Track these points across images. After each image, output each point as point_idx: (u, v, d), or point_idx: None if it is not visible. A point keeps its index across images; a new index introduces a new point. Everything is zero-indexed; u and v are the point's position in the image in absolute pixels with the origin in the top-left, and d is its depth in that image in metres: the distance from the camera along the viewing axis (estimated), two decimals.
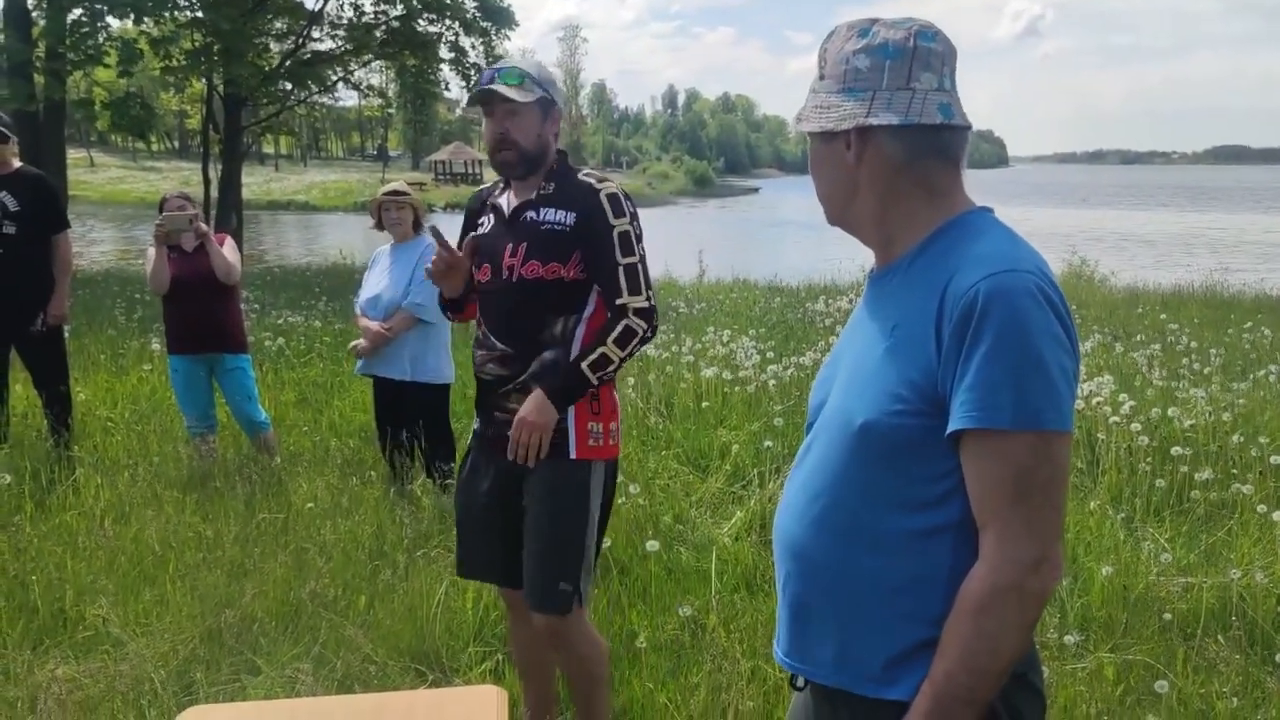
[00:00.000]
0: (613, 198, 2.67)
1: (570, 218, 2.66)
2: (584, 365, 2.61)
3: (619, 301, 2.64)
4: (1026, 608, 1.35)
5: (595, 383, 2.63)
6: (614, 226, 2.65)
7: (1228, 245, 31.11)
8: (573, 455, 2.70)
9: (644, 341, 2.66)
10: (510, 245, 2.69)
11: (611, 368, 2.63)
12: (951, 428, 1.37)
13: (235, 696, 3.21)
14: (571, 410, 2.69)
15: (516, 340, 2.69)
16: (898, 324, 1.47)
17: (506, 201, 2.78)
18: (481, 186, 2.98)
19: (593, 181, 2.70)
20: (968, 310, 1.35)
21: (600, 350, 2.61)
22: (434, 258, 2.77)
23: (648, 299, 2.67)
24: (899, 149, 1.49)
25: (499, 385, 2.73)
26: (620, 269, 2.64)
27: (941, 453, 1.41)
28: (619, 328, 2.63)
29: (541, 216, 2.68)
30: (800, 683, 1.66)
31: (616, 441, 2.81)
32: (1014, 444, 1.34)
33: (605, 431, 2.75)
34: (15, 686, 3.28)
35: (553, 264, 2.65)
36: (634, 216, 2.70)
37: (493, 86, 2.61)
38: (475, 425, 2.89)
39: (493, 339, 2.73)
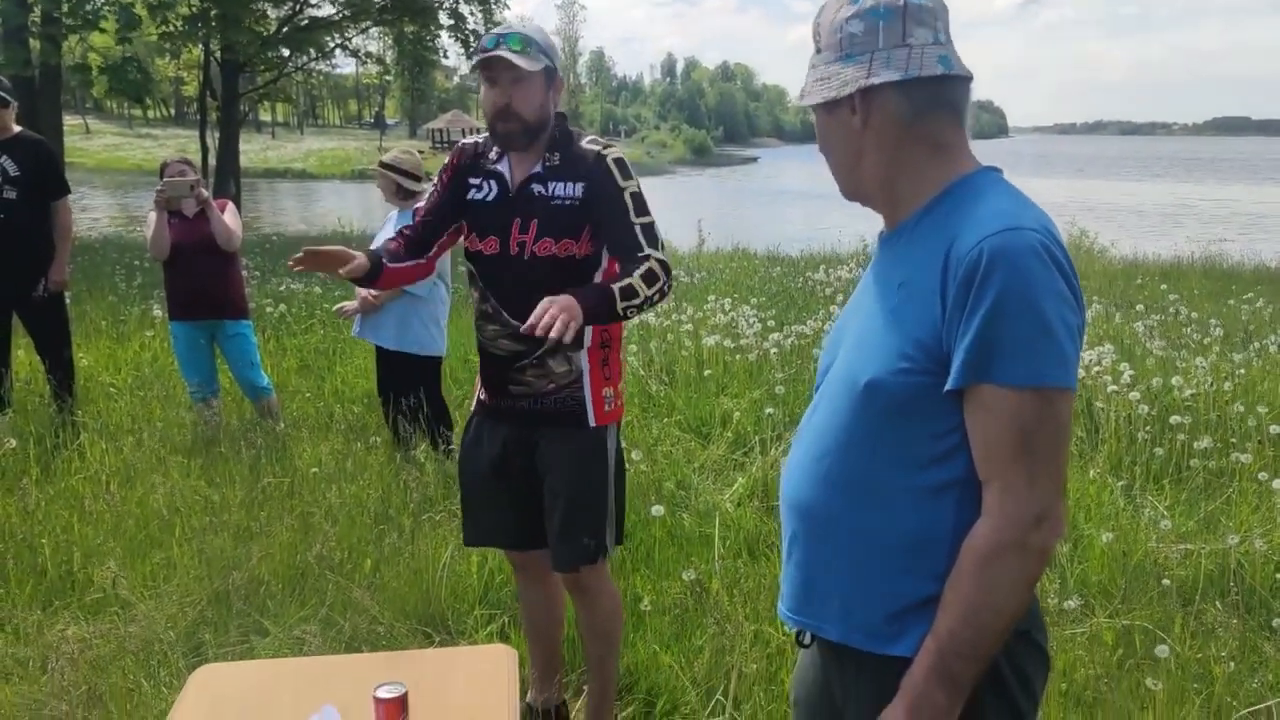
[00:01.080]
0: (619, 161, 2.65)
1: (578, 189, 2.63)
2: (616, 289, 2.50)
3: (640, 254, 2.58)
4: (1029, 563, 1.37)
5: (619, 312, 2.51)
6: (624, 189, 2.62)
7: (1217, 217, 31.09)
8: (592, 424, 2.73)
9: (662, 293, 2.59)
10: (519, 220, 2.65)
11: (636, 300, 2.52)
12: (954, 384, 1.38)
13: (244, 657, 3.24)
14: (587, 380, 2.71)
15: (528, 315, 2.60)
16: (904, 283, 1.48)
17: (508, 170, 2.70)
18: (470, 139, 2.85)
19: (597, 148, 2.66)
20: (972, 268, 1.36)
21: (628, 280, 2.52)
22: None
23: (665, 255, 2.64)
24: (904, 105, 1.49)
25: (514, 360, 2.71)
26: (637, 227, 2.61)
27: (946, 410, 1.42)
28: (644, 265, 2.56)
29: (551, 191, 2.64)
30: (807, 639, 1.68)
31: (623, 402, 2.87)
32: (1017, 400, 1.35)
33: (616, 394, 2.80)
34: (27, 646, 3.32)
35: (565, 240, 2.63)
36: (637, 178, 2.70)
37: (498, 52, 2.53)
38: (480, 395, 2.87)
39: (505, 314, 2.69)
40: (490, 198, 2.72)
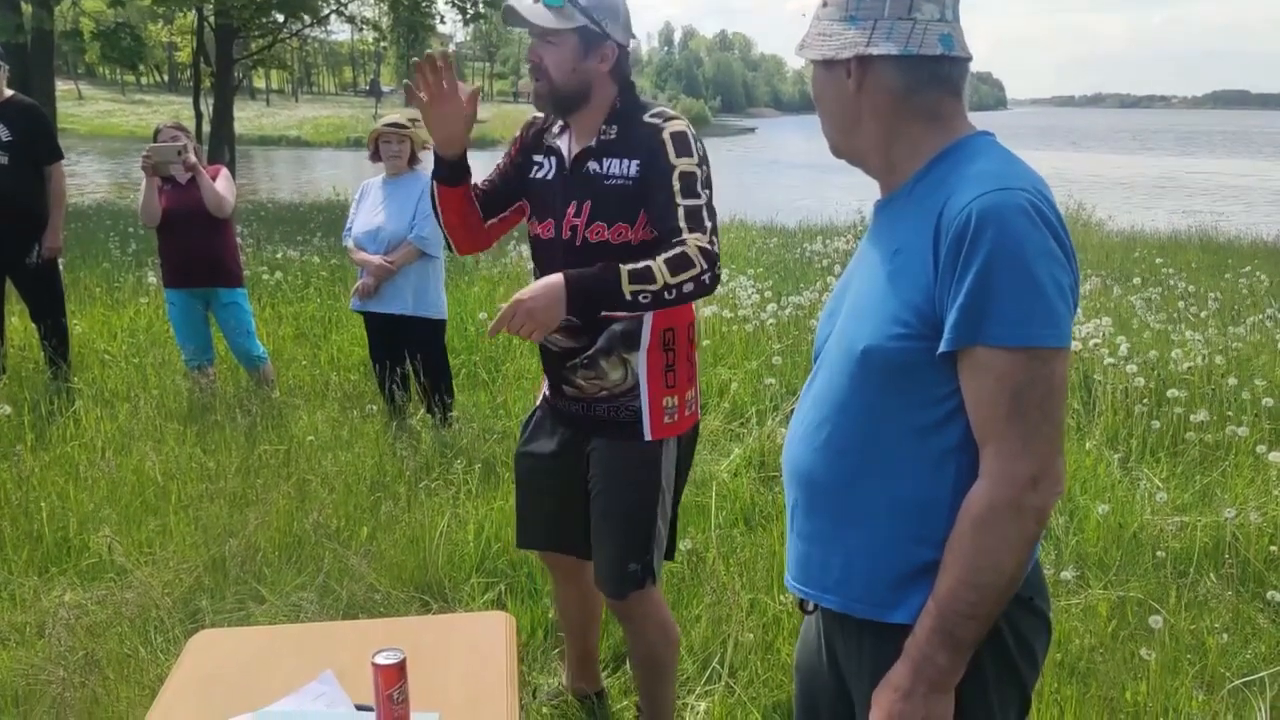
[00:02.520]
0: (678, 136, 2.32)
1: (633, 168, 2.34)
2: (625, 269, 2.18)
3: (676, 238, 2.24)
4: (1026, 523, 1.36)
5: (628, 297, 2.17)
6: (675, 166, 2.29)
7: (1204, 189, 31.12)
8: (648, 437, 2.47)
9: (698, 284, 2.21)
10: (574, 203, 2.40)
11: (653, 287, 2.17)
12: (947, 347, 1.38)
13: (241, 624, 3.25)
14: (645, 389, 2.44)
15: None
16: (898, 249, 1.47)
17: (567, 146, 2.47)
18: (538, 115, 2.58)
19: (659, 121, 2.36)
20: (962, 230, 1.35)
21: (647, 263, 2.19)
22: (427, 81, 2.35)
23: (711, 242, 2.24)
24: (898, 79, 1.48)
25: (566, 358, 2.48)
26: (681, 209, 2.26)
27: (943, 375, 1.41)
28: (673, 250, 2.21)
29: (605, 169, 2.37)
30: (810, 606, 1.69)
31: (695, 410, 2.56)
32: (1009, 361, 1.34)
33: (681, 404, 2.50)
34: (23, 612, 3.32)
35: (619, 225, 2.35)
36: (704, 159, 2.34)
37: (513, 3, 2.31)
38: (545, 391, 2.68)
39: None
40: (549, 176, 2.49)
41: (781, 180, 33.43)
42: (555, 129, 2.51)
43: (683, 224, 2.25)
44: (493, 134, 39.28)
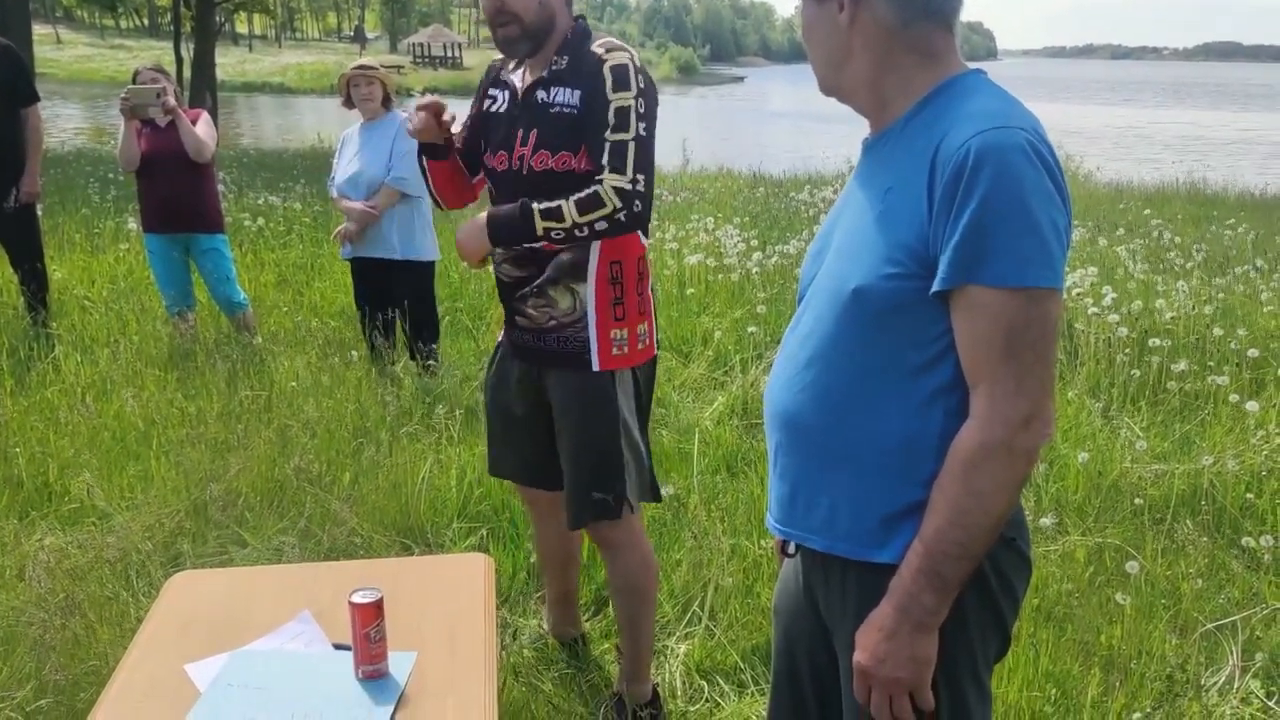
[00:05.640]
0: (618, 69, 2.33)
1: (577, 96, 2.36)
2: (536, 207, 2.32)
3: (597, 176, 2.32)
4: (1016, 464, 1.36)
5: (539, 233, 2.32)
6: (610, 101, 2.31)
7: (1184, 139, 31.21)
8: (595, 367, 2.50)
9: (612, 223, 2.31)
10: (521, 131, 2.43)
11: (563, 225, 2.30)
12: (941, 286, 1.36)
13: (222, 566, 3.25)
14: (593, 319, 2.47)
15: None
16: (891, 188, 1.45)
17: (520, 78, 2.50)
18: (496, 58, 2.64)
19: (601, 51, 2.37)
20: (959, 168, 1.33)
21: (559, 202, 2.31)
22: (414, 117, 2.51)
23: (632, 181, 2.30)
24: (891, 12, 1.45)
25: (517, 288, 2.52)
26: (606, 145, 2.31)
27: (934, 315, 1.40)
28: (586, 190, 2.31)
29: (551, 97, 2.39)
30: (791, 549, 1.69)
31: (649, 344, 2.59)
32: (1004, 301, 1.33)
33: (632, 337, 2.52)
34: (4, 555, 3.31)
35: (563, 154, 2.38)
36: (643, 93, 2.35)
37: None
38: (504, 327, 2.72)
39: None
40: (500, 108, 2.53)
41: (770, 129, 33.21)
42: (511, 64, 2.54)
43: (605, 162, 2.32)
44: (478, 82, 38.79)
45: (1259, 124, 40.85)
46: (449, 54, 74.49)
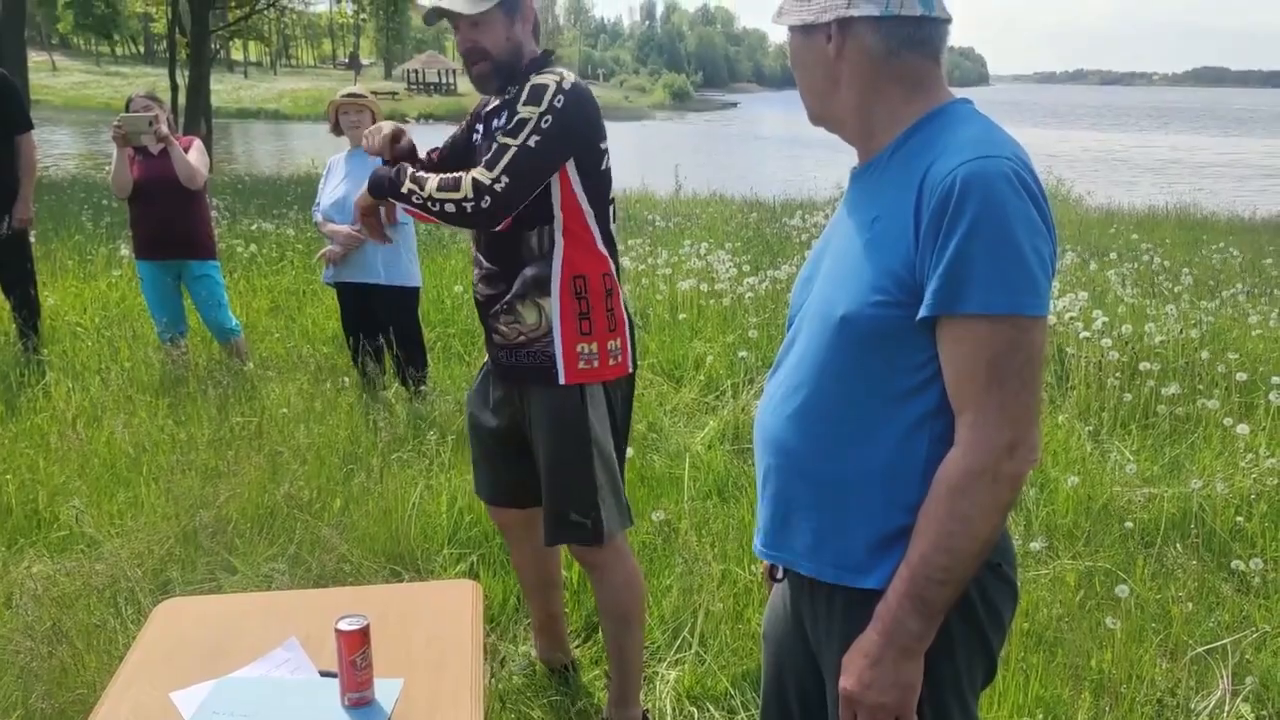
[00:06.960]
0: (536, 87, 2.38)
1: (506, 116, 2.46)
2: (411, 170, 2.44)
3: (474, 168, 2.39)
4: (1001, 491, 1.37)
5: (403, 190, 2.42)
6: (518, 112, 2.37)
7: (1163, 161, 31.48)
8: (561, 380, 2.51)
9: (460, 209, 2.36)
10: (481, 157, 2.50)
11: (421, 193, 2.39)
12: (927, 313, 1.37)
13: (211, 594, 3.24)
14: (558, 332, 2.50)
15: (497, 257, 2.53)
16: (878, 216, 1.47)
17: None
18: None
19: (534, 73, 2.44)
20: (945, 196, 1.35)
21: (431, 175, 2.41)
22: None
23: (494, 180, 2.33)
24: (879, 41, 1.47)
25: (489, 305, 2.58)
26: (494, 145, 2.37)
27: (921, 342, 1.41)
28: (456, 174, 2.38)
29: (502, 121, 2.48)
30: (779, 574, 1.69)
31: (621, 360, 2.59)
32: (989, 329, 1.34)
33: (602, 352, 2.53)
34: None
35: None
36: (554, 111, 2.35)
37: (439, 4, 2.41)
38: (485, 347, 2.78)
39: (480, 256, 2.61)
40: (478, 140, 2.63)
41: (762, 155, 33.36)
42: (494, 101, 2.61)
43: (485, 157, 2.38)
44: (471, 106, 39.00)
45: (1239, 148, 41.15)
46: (443, 80, 74.82)
